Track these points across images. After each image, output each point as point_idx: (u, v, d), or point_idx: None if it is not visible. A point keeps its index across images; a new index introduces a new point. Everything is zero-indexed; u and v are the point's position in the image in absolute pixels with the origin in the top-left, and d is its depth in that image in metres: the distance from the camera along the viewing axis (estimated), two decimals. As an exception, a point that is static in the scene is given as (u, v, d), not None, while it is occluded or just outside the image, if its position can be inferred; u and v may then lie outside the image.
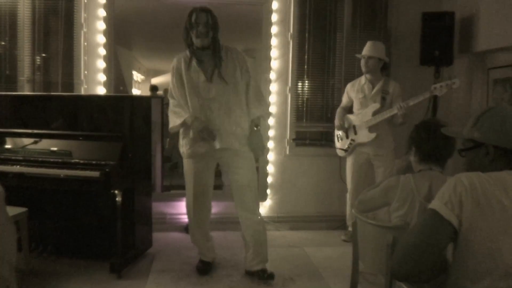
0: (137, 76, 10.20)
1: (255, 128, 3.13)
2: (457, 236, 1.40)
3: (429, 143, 2.10)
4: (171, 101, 3.17)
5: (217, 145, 3.05)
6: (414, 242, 1.41)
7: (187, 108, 3.07)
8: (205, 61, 3.05)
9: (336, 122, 4.08)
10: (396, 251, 1.47)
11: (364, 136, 3.90)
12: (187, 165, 3.20)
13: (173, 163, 6.70)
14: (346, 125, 4.00)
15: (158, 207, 4.04)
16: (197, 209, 3.23)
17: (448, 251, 1.52)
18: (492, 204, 1.36)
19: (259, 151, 3.17)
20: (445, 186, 1.44)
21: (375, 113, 3.83)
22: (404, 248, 1.42)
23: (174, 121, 3.11)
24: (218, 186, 3.39)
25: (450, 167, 2.27)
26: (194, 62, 3.04)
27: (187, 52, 3.07)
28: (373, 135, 3.85)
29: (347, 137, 4.02)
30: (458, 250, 1.42)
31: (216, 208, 4.28)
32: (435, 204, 1.42)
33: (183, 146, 3.16)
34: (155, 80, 10.64)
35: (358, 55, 4.01)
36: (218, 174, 3.61)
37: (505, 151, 1.48)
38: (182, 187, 3.53)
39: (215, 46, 3.01)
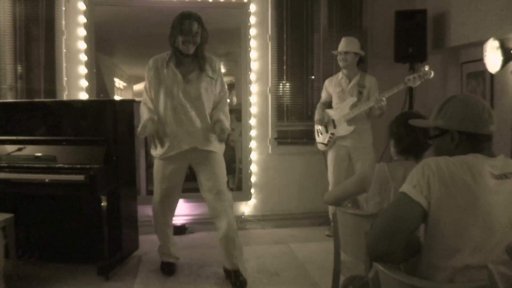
0: (119, 83, 10.15)
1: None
2: (427, 217, 1.47)
3: (408, 138, 2.14)
4: (142, 100, 3.13)
5: (185, 146, 3.04)
6: (387, 223, 1.48)
7: (154, 109, 3.05)
8: (184, 64, 3.03)
9: (316, 116, 4.16)
10: (370, 232, 1.54)
11: (343, 129, 3.99)
12: (157, 167, 3.17)
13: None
14: (325, 120, 4.09)
15: (144, 210, 4.07)
16: (163, 210, 3.27)
17: (420, 233, 1.60)
18: (458, 185, 1.44)
19: (223, 134, 3.01)
20: (413, 171, 1.52)
21: (352, 107, 3.93)
22: (377, 229, 1.49)
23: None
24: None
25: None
26: (172, 64, 3.03)
27: (166, 54, 3.06)
28: (351, 127, 3.95)
29: (326, 131, 4.11)
30: (428, 230, 1.49)
31: (204, 208, 4.33)
32: (405, 187, 1.49)
33: (154, 148, 3.11)
34: (137, 87, 10.58)
35: (334, 52, 4.11)
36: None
37: (468, 135, 1.56)
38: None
39: (198, 53, 3.01)
